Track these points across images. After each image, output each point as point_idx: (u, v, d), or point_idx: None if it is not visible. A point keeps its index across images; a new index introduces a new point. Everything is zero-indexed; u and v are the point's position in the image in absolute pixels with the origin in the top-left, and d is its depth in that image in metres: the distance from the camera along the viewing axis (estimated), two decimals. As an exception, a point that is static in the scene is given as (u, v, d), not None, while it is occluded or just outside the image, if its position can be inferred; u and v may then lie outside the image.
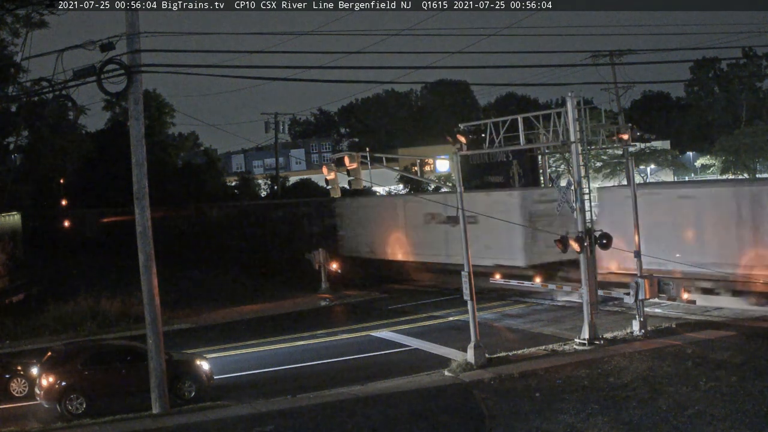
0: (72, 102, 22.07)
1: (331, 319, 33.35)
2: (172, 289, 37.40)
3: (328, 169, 31.80)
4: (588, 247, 24.13)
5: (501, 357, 23.34)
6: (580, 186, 24.45)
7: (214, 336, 30.48)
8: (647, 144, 73.06)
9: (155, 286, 20.62)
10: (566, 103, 24.78)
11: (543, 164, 41.23)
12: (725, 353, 21.84)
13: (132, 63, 19.93)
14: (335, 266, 39.14)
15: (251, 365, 25.38)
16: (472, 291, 23.14)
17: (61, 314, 32.50)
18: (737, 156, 69.05)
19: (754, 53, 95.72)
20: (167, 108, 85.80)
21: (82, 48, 19.73)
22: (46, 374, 20.83)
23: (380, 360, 25.08)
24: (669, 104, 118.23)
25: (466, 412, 19.00)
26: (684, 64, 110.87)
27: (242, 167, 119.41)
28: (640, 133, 53.00)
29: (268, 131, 67.85)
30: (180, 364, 22.07)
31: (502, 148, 28.50)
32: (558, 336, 25.97)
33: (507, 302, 33.17)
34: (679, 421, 16.98)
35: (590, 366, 21.67)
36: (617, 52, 54.68)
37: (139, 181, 20.53)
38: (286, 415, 19.30)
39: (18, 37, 39.10)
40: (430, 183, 54.65)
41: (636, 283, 24.95)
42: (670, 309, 28.28)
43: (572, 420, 17.56)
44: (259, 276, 45.46)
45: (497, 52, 31.66)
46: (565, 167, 60.50)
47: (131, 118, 20.69)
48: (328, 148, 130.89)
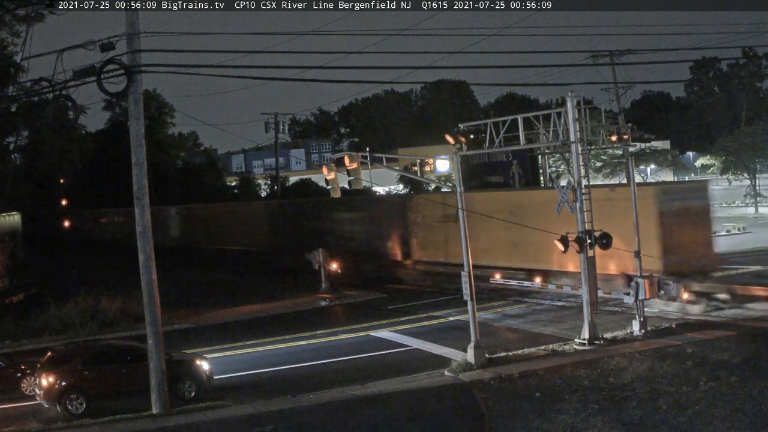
0: (72, 102, 21.99)
1: (331, 319, 33.34)
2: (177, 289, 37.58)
3: (328, 169, 31.86)
4: (588, 247, 24.13)
5: (501, 357, 23.33)
6: (580, 186, 24.45)
7: (214, 336, 30.47)
8: (647, 144, 73.08)
9: (155, 286, 20.63)
10: (566, 103, 24.77)
11: (543, 164, 41.23)
12: (725, 353, 21.83)
13: (132, 63, 19.92)
14: (335, 266, 39.14)
15: (251, 365, 25.37)
16: (472, 291, 23.14)
17: (61, 314, 32.47)
18: (737, 156, 69.09)
19: (754, 53, 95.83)
20: (167, 108, 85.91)
21: (82, 48, 19.74)
22: (46, 374, 20.82)
23: (380, 360, 25.07)
24: (669, 104, 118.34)
25: (465, 412, 19.00)
26: (684, 64, 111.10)
27: (242, 167, 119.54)
28: (640, 133, 53.08)
29: (268, 131, 67.89)
30: (180, 364, 22.05)
31: (502, 148, 28.47)
32: (558, 336, 25.96)
33: (507, 302, 33.16)
34: (679, 421, 16.98)
35: (590, 366, 21.67)
36: (617, 52, 54.70)
37: (139, 181, 20.53)
38: (286, 415, 19.31)
39: (18, 37, 39.13)
40: (430, 183, 54.65)
41: (636, 283, 24.95)
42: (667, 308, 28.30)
43: (572, 420, 17.56)
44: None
45: (497, 52, 31.78)
46: (565, 167, 60.53)
47: (131, 118, 20.69)
48: (328, 148, 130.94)
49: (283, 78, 48.81)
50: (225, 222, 58.17)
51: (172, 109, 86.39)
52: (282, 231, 51.41)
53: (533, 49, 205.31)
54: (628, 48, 59.32)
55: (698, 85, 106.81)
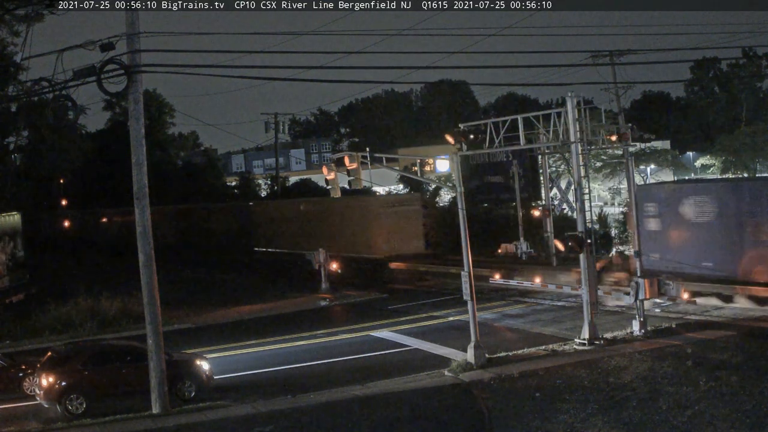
0: (72, 102, 22.00)
1: (331, 319, 33.33)
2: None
3: (328, 169, 31.87)
4: (588, 247, 24.13)
5: (501, 357, 23.33)
6: (580, 186, 24.45)
7: (214, 336, 30.46)
8: (647, 144, 73.06)
9: (155, 286, 20.63)
10: (566, 103, 24.78)
11: (543, 164, 41.22)
12: (725, 353, 21.84)
13: (132, 63, 19.92)
14: (335, 266, 39.14)
15: (251, 365, 25.36)
16: (472, 291, 23.14)
17: (61, 314, 32.44)
18: (737, 156, 69.10)
19: (754, 53, 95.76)
20: (167, 108, 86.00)
21: (82, 48, 19.75)
22: (46, 374, 20.81)
23: (380, 360, 25.07)
24: (669, 104, 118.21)
25: (466, 412, 19.00)
26: (684, 64, 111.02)
27: (242, 167, 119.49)
28: (640, 133, 53.01)
29: (268, 131, 67.98)
30: (180, 364, 22.04)
31: (502, 148, 28.47)
32: (558, 336, 25.96)
33: (507, 302, 33.18)
34: (679, 421, 16.98)
35: (590, 366, 21.66)
36: (617, 52, 54.69)
37: (139, 181, 20.52)
38: (286, 415, 19.31)
39: (18, 37, 39.15)
40: (430, 183, 54.62)
41: (636, 283, 24.95)
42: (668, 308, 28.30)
43: (572, 420, 17.56)
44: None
45: (497, 52, 31.81)
46: (565, 167, 60.47)
47: (131, 118, 20.68)
48: (328, 148, 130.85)
49: (283, 78, 48.93)
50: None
51: (172, 109, 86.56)
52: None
53: (533, 49, 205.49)
54: (628, 48, 59.37)
55: (698, 85, 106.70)
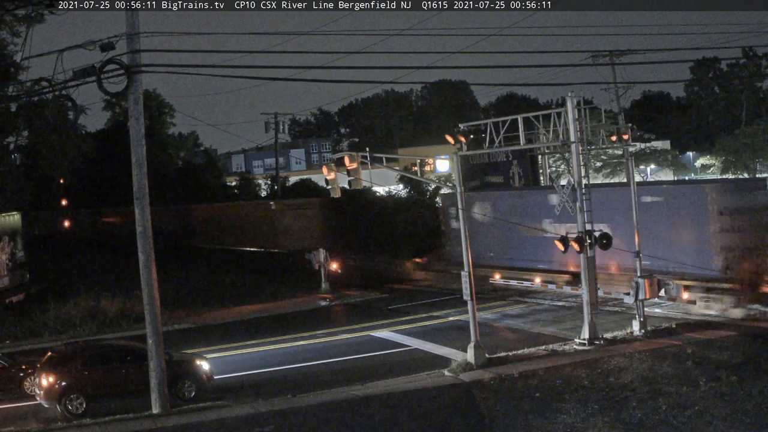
0: (72, 102, 21.98)
1: (331, 319, 33.33)
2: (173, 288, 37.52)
3: (328, 169, 31.82)
4: (588, 247, 24.13)
5: (501, 357, 23.33)
6: (580, 186, 24.46)
7: (214, 336, 30.47)
8: (647, 144, 73.12)
9: (155, 286, 20.63)
10: (566, 103, 24.78)
11: (543, 164, 41.22)
12: (725, 353, 21.84)
13: (132, 63, 19.93)
14: (335, 266, 39.14)
15: (251, 365, 25.37)
16: (472, 291, 23.14)
17: (61, 314, 32.47)
18: (737, 156, 69.11)
19: (754, 53, 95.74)
20: (167, 108, 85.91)
21: (82, 48, 19.73)
22: (46, 374, 20.82)
23: (380, 360, 25.07)
24: (669, 104, 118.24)
25: (465, 412, 19.01)
26: (684, 64, 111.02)
27: (242, 167, 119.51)
28: (640, 133, 53.10)
29: (268, 131, 67.81)
30: (180, 364, 22.05)
31: (502, 148, 28.52)
32: (558, 336, 25.96)
33: (507, 302, 33.17)
34: (679, 421, 17.00)
35: (590, 366, 21.67)
36: (617, 52, 54.67)
37: (139, 181, 20.53)
38: (286, 415, 19.31)
39: (18, 37, 39.12)
40: (431, 183, 54.60)
41: (636, 283, 24.95)
42: (670, 309, 28.29)
43: (572, 420, 17.57)
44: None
45: (497, 52, 31.83)
46: (565, 167, 60.51)
47: (131, 118, 20.68)
48: (328, 148, 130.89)
49: (283, 78, 48.90)
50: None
51: (172, 109, 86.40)
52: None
53: (533, 49, 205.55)
54: (628, 48, 59.25)
55: (698, 85, 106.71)
